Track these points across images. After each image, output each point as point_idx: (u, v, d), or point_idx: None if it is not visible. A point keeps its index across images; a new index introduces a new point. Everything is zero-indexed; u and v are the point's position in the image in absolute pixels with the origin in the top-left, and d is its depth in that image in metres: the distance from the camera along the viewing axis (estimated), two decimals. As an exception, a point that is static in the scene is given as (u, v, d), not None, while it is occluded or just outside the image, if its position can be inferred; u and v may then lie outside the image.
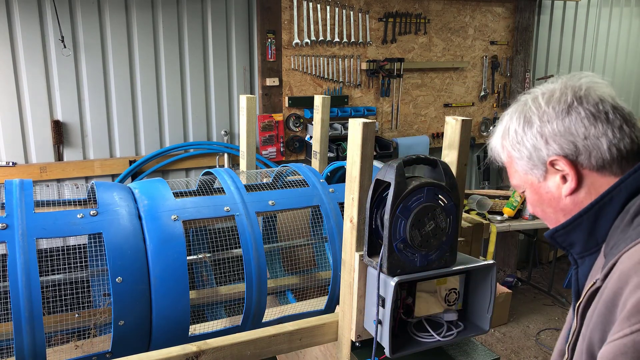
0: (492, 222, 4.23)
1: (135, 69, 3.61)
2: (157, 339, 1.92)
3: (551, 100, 1.00)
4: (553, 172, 1.00)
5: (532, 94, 1.04)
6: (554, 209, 1.04)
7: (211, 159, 3.92)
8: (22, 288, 1.67)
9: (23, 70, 3.31)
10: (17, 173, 3.36)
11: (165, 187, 2.12)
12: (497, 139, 1.10)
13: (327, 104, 2.76)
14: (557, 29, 5.20)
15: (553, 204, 1.03)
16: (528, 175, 1.05)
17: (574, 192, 0.99)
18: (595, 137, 0.95)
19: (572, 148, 0.97)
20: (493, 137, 1.13)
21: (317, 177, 2.38)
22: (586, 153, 0.96)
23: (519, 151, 1.04)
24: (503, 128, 1.08)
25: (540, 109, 1.00)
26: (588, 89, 0.98)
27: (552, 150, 0.98)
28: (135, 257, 1.85)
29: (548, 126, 0.98)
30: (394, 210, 1.53)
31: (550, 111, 0.99)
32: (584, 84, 0.99)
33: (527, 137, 1.01)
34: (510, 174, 1.11)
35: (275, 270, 2.83)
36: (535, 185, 1.04)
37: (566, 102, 0.98)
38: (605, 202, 0.95)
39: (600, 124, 0.95)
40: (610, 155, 0.95)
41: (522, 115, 1.03)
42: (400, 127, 4.55)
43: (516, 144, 1.04)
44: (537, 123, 1.00)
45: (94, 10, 3.42)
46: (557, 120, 0.98)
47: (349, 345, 1.85)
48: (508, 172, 1.12)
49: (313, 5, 3.95)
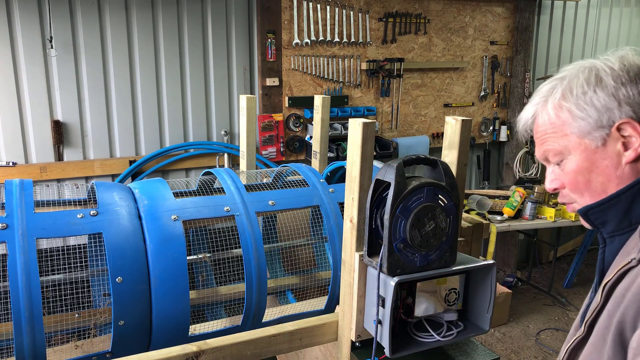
0: (492, 222, 4.23)
1: (135, 69, 3.62)
2: (157, 339, 1.92)
3: (624, 66, 0.97)
4: (616, 138, 0.96)
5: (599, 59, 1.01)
6: (606, 178, 0.99)
7: (211, 159, 3.92)
8: (22, 288, 1.67)
9: (23, 70, 3.31)
10: (17, 173, 3.36)
11: (165, 187, 2.12)
12: (552, 100, 1.03)
13: (327, 104, 2.77)
14: (557, 29, 5.20)
15: (607, 172, 0.98)
16: (585, 138, 0.99)
17: (635, 160, 0.96)
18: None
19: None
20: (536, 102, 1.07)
21: (317, 177, 2.38)
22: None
23: (584, 110, 0.98)
24: (564, 88, 1.02)
25: (615, 72, 0.97)
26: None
27: (624, 112, 0.95)
28: (135, 257, 1.85)
29: (623, 89, 0.95)
30: (394, 210, 1.53)
31: (625, 75, 0.96)
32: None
33: (598, 97, 0.97)
34: (552, 140, 1.04)
35: (275, 270, 2.83)
36: (591, 150, 0.99)
37: (638, 68, 0.97)
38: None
39: None
40: None
41: (593, 76, 0.98)
42: (400, 127, 4.55)
43: (583, 104, 0.98)
44: (612, 84, 0.96)
45: (94, 10, 3.43)
46: (632, 84, 0.95)
47: (349, 345, 1.85)
48: (547, 139, 1.05)
49: (313, 5, 3.95)
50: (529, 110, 1.08)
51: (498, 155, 5.28)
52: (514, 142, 5.12)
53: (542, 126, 1.05)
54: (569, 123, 1.01)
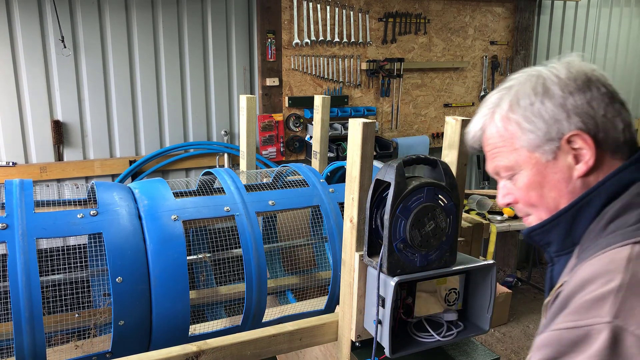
0: (492, 222, 4.23)
1: (135, 69, 3.61)
2: (157, 339, 1.92)
3: (571, 73, 0.93)
4: (566, 151, 0.92)
5: (545, 67, 0.96)
6: (558, 193, 0.95)
7: (211, 159, 3.92)
8: (22, 288, 1.67)
9: (23, 70, 3.31)
10: (17, 173, 3.36)
11: (165, 187, 2.12)
12: (499, 112, 0.98)
13: (327, 104, 2.77)
14: (557, 29, 5.20)
15: (559, 187, 0.94)
16: (536, 152, 0.94)
17: (587, 174, 0.92)
18: (613, 116, 0.91)
19: (592, 123, 0.90)
20: (484, 114, 1.01)
21: (317, 177, 2.38)
22: (604, 132, 0.90)
23: (532, 123, 0.93)
24: (511, 99, 0.97)
25: (562, 80, 0.92)
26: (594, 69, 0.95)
27: (574, 124, 0.90)
28: (135, 257, 1.85)
29: (570, 98, 0.90)
30: (394, 210, 1.54)
31: (572, 83, 0.91)
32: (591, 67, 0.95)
33: (545, 108, 0.92)
34: (501, 154, 0.99)
35: (275, 270, 2.83)
36: (542, 164, 0.94)
37: (586, 76, 0.92)
38: (583, 204, 0.91)
39: (616, 103, 0.92)
40: (624, 138, 0.91)
41: (540, 85, 0.94)
42: (400, 127, 4.55)
43: (531, 116, 0.93)
44: (559, 94, 0.91)
45: (94, 10, 3.42)
46: (580, 93, 0.90)
47: (349, 345, 1.85)
48: (496, 153, 1.00)
49: (313, 5, 3.95)
50: (477, 123, 1.03)
51: (498, 155, 5.28)
52: (514, 142, 5.12)
53: (490, 139, 1.01)
54: (517, 136, 0.96)
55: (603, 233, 0.86)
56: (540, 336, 0.80)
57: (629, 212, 0.85)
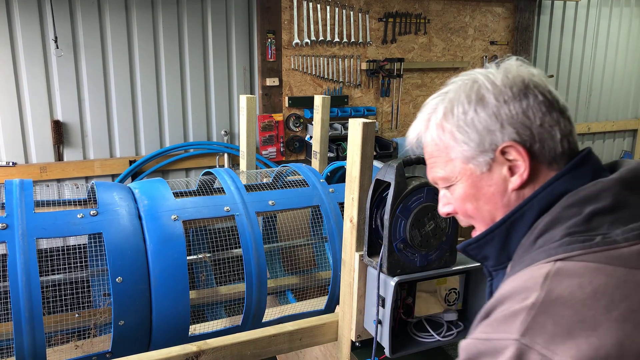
0: (492, 222, 4.22)
1: (135, 69, 3.61)
2: (157, 339, 1.92)
3: (507, 79, 0.88)
4: (501, 162, 0.87)
5: (483, 72, 0.91)
6: (493, 206, 0.91)
7: (211, 159, 3.92)
8: (22, 288, 1.67)
9: (23, 70, 3.31)
10: (17, 173, 3.35)
11: (165, 187, 2.12)
12: (434, 120, 0.94)
13: (327, 104, 2.77)
14: (557, 29, 5.20)
15: (494, 199, 0.90)
16: (469, 164, 0.90)
17: (522, 187, 0.88)
18: (550, 125, 0.86)
19: (527, 134, 0.85)
20: (420, 121, 0.97)
21: (317, 177, 2.38)
22: (541, 142, 0.86)
23: (465, 134, 0.88)
24: (445, 107, 0.92)
25: (497, 88, 0.87)
26: (538, 74, 0.89)
27: (507, 134, 0.85)
28: (135, 257, 1.85)
29: (505, 107, 0.85)
30: (394, 210, 1.54)
31: (508, 91, 0.86)
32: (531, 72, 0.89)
33: (479, 118, 0.87)
34: (437, 164, 0.95)
35: (275, 270, 2.83)
36: (476, 176, 0.90)
37: (523, 83, 0.87)
38: (516, 217, 0.87)
39: (554, 112, 0.86)
40: (562, 149, 0.87)
41: (474, 92, 0.89)
42: (400, 127, 4.55)
43: (464, 126, 0.88)
44: (493, 102, 0.86)
45: (94, 10, 3.42)
46: (515, 101, 0.86)
47: (349, 345, 1.85)
48: (433, 162, 0.96)
49: (313, 5, 3.95)
50: (413, 130, 0.99)
51: (498, 155, 5.28)
52: (514, 142, 5.12)
53: (427, 147, 0.97)
54: (452, 147, 0.91)
55: (532, 248, 0.83)
56: (462, 341, 0.80)
57: (555, 227, 0.82)
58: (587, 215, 0.79)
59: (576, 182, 0.85)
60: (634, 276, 0.72)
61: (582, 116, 5.50)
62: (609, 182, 0.82)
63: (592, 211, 0.79)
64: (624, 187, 0.81)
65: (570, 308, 0.70)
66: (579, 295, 0.71)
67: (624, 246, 0.74)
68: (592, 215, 0.79)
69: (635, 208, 0.80)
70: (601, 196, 0.80)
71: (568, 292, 0.72)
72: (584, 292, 0.71)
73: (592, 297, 0.70)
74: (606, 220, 0.78)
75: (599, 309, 0.69)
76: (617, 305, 0.70)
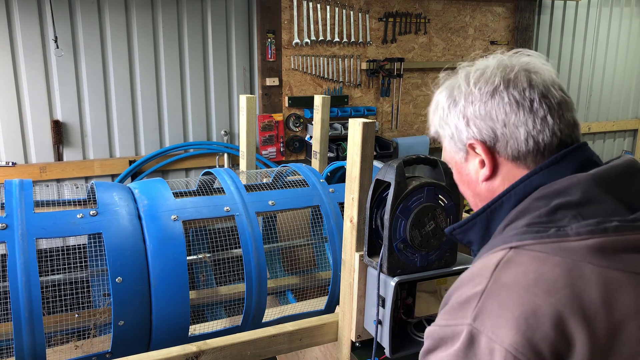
0: (492, 222, 4.22)
1: (135, 69, 3.61)
2: (157, 339, 1.92)
3: (480, 80, 0.93)
4: (473, 155, 0.96)
5: (467, 69, 0.99)
6: (472, 193, 1.01)
7: (211, 159, 3.92)
8: (22, 288, 1.67)
9: (23, 70, 3.31)
10: (17, 173, 3.35)
11: (165, 187, 2.12)
12: (430, 112, 1.05)
13: (327, 104, 2.76)
14: (557, 29, 5.20)
15: (471, 187, 1.00)
16: (452, 153, 1.01)
17: (489, 179, 0.95)
18: (515, 125, 0.90)
19: (490, 134, 0.92)
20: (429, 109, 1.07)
21: (317, 177, 2.37)
22: (503, 141, 0.91)
23: (443, 129, 1.00)
24: (435, 101, 1.03)
25: (468, 88, 0.94)
26: (519, 71, 0.91)
27: (471, 133, 0.94)
28: (135, 257, 1.85)
29: (471, 108, 0.93)
30: (394, 210, 1.53)
31: (476, 92, 0.93)
32: (518, 66, 0.92)
33: (451, 116, 0.97)
34: (443, 148, 1.07)
35: (275, 270, 2.83)
36: (459, 165, 1.01)
37: (493, 84, 0.92)
38: (496, 206, 0.93)
39: (521, 112, 0.89)
40: (526, 147, 0.90)
41: (451, 92, 0.98)
42: (400, 127, 4.55)
43: (442, 121, 1.00)
44: (462, 103, 0.95)
45: (94, 10, 3.42)
46: (480, 102, 0.92)
47: (349, 346, 1.85)
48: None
49: (313, 5, 3.95)
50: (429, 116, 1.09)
51: (498, 155, 5.28)
52: (514, 142, 5.12)
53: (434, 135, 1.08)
54: (440, 136, 1.03)
55: (499, 236, 0.88)
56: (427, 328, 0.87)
57: (522, 218, 0.86)
58: (552, 207, 0.83)
59: (553, 176, 0.88)
60: (579, 269, 0.76)
61: (582, 116, 5.50)
62: (583, 178, 0.84)
63: (558, 204, 0.83)
64: (598, 184, 0.83)
65: (513, 293, 0.76)
66: (522, 282, 0.76)
67: (574, 240, 0.78)
68: (557, 208, 0.82)
69: (602, 204, 0.82)
70: (570, 191, 0.83)
71: (512, 279, 0.78)
72: (527, 278, 0.76)
73: (534, 284, 0.76)
74: (569, 214, 0.81)
75: (539, 294, 0.75)
76: (557, 291, 0.74)
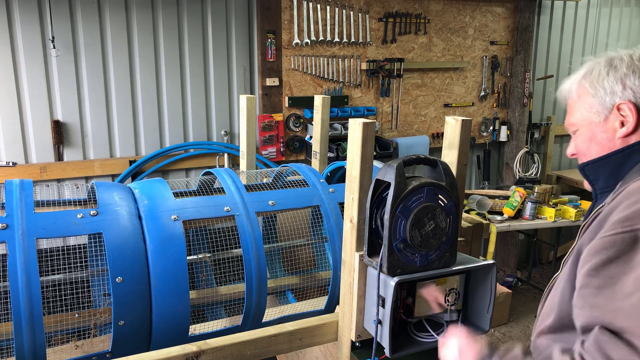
0: (492, 222, 4.23)
1: (135, 69, 3.61)
2: (157, 339, 1.92)
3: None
4: (615, 116, 1.13)
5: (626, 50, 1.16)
6: (601, 148, 1.16)
7: (211, 159, 3.92)
8: (22, 288, 1.67)
9: (23, 70, 3.31)
10: (17, 173, 3.35)
11: (165, 187, 2.12)
12: (577, 78, 1.21)
13: (327, 104, 2.77)
14: (557, 29, 5.20)
15: (603, 143, 1.15)
16: (591, 113, 1.17)
17: (627, 136, 1.12)
18: None
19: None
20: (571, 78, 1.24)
21: (317, 177, 2.38)
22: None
23: (595, 89, 1.15)
24: (587, 68, 1.19)
25: (632, 61, 1.13)
26: None
27: (626, 95, 1.11)
28: (135, 257, 1.85)
29: (632, 77, 1.11)
30: (394, 210, 1.54)
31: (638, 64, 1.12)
32: None
33: (608, 79, 1.14)
34: (571, 112, 1.23)
35: (275, 270, 2.83)
36: (594, 124, 1.17)
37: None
38: (635, 149, 1.10)
39: None
40: None
41: (613, 62, 1.15)
42: (400, 127, 4.55)
43: (595, 83, 1.15)
44: (623, 71, 1.12)
45: (94, 10, 3.42)
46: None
47: (349, 345, 1.85)
48: (569, 110, 1.24)
49: (313, 5, 3.95)
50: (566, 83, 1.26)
51: (498, 155, 5.28)
52: (514, 142, 5.12)
53: (567, 99, 1.25)
54: (582, 99, 1.19)
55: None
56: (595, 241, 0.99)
57: None
58: None
59: None
60: None
61: (582, 116, 5.49)
62: None
63: None
64: None
65: None
66: None
67: None
68: None
69: None
70: None
71: None
72: None
73: None
74: None
75: None
76: None
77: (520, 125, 5.06)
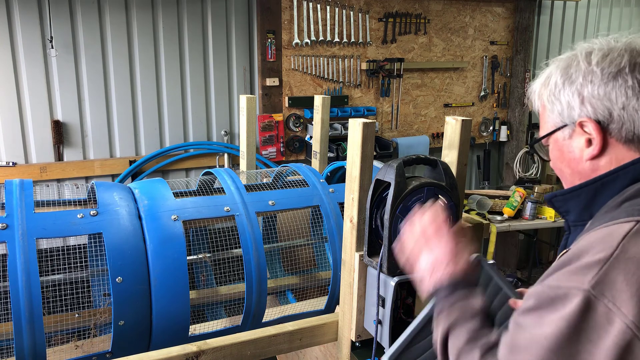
0: (492, 222, 4.23)
1: (135, 69, 3.61)
2: (157, 339, 1.92)
3: (604, 60, 0.94)
4: (580, 134, 0.96)
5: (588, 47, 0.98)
6: (571, 170, 1.01)
7: (211, 159, 3.92)
8: (22, 288, 1.67)
9: (23, 70, 3.31)
10: (17, 173, 3.35)
11: (165, 187, 2.12)
12: (538, 85, 1.06)
13: (327, 104, 2.77)
14: (557, 29, 5.20)
15: (572, 165, 1.00)
16: (555, 129, 1.01)
17: (595, 158, 0.96)
18: (634, 109, 0.91)
19: (606, 114, 0.93)
20: (536, 81, 1.08)
21: (317, 177, 2.38)
22: (618, 123, 0.92)
23: (552, 104, 1.00)
24: (546, 75, 1.03)
25: (588, 67, 0.94)
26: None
27: (584, 111, 0.94)
28: (135, 257, 1.85)
29: (589, 87, 0.94)
30: (394, 210, 1.54)
31: (598, 72, 0.93)
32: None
33: (564, 93, 0.97)
34: (541, 124, 1.08)
35: (275, 270, 2.83)
36: (560, 142, 1.01)
37: (617, 66, 0.92)
38: (608, 180, 0.94)
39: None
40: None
41: (568, 69, 0.98)
42: (400, 127, 4.55)
43: (552, 97, 1.00)
44: (580, 81, 0.95)
45: (94, 10, 3.42)
46: (601, 83, 0.93)
47: (349, 345, 1.85)
48: (540, 121, 1.09)
49: (313, 5, 3.95)
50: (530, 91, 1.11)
51: (498, 155, 5.28)
52: (514, 142, 5.12)
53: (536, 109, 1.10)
54: (544, 113, 1.04)
55: (616, 210, 0.89)
56: (532, 287, 0.88)
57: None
58: None
59: None
60: None
61: (582, 116, 5.49)
62: None
63: None
64: None
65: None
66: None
67: None
68: None
69: None
70: None
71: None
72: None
73: None
74: None
75: None
76: None
77: (520, 125, 5.07)
